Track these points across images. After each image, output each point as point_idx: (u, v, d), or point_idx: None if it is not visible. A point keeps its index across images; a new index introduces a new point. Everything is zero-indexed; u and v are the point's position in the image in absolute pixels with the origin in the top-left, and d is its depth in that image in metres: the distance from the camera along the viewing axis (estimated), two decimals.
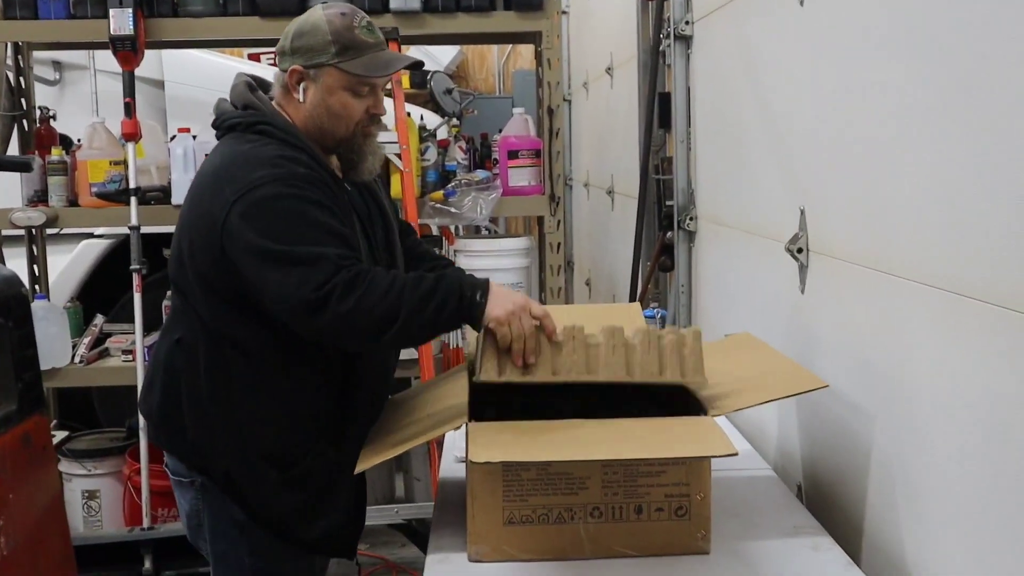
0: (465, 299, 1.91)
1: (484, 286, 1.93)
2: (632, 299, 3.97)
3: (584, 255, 6.06)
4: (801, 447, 2.26)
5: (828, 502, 2.07)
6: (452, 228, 3.69)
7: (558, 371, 1.90)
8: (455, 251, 3.58)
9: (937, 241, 1.59)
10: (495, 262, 3.52)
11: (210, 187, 2.04)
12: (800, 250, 2.16)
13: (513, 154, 3.59)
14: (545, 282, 3.73)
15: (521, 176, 3.59)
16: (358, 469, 1.87)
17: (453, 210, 3.42)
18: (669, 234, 3.35)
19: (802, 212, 2.14)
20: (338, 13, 2.07)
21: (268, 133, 2.07)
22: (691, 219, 3.13)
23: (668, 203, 3.32)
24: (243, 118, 2.10)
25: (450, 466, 2.31)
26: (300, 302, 1.90)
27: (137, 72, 3.55)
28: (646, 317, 3.05)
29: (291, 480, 2.10)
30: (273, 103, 2.14)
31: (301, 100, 2.08)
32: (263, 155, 2.02)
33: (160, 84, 4.88)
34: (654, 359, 1.91)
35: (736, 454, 1.60)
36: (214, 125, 2.17)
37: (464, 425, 1.80)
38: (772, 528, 1.91)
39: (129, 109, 3.42)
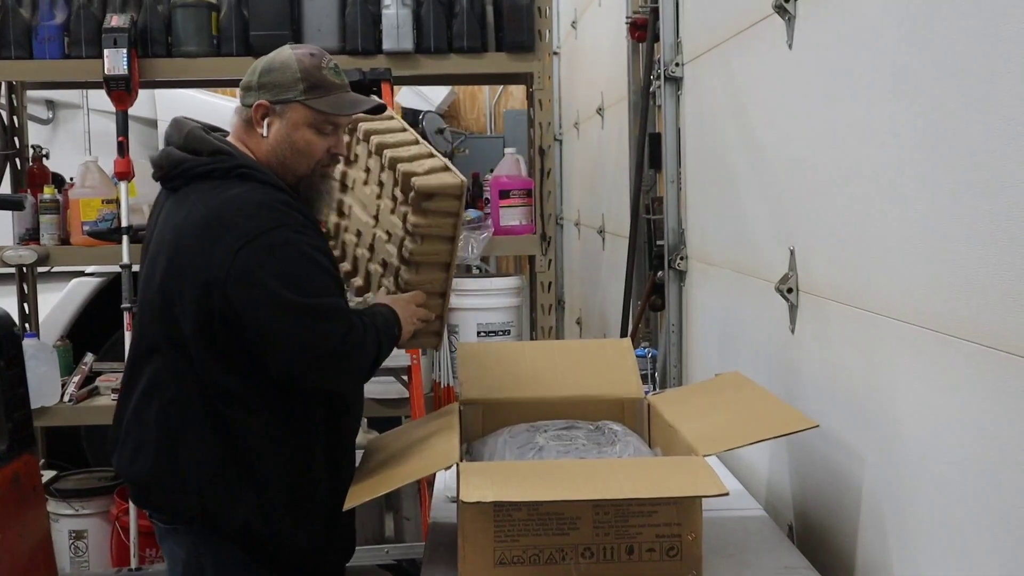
0: (395, 326, 2.15)
1: (392, 318, 2.17)
2: (623, 334, 3.98)
3: (575, 294, 6.08)
4: (792, 486, 2.26)
5: (819, 542, 2.07)
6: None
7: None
8: None
9: (924, 281, 1.61)
10: (486, 301, 3.53)
11: (204, 236, 1.99)
12: (790, 290, 2.17)
13: (504, 194, 3.61)
14: (536, 321, 3.73)
15: (512, 216, 3.61)
16: (347, 506, 1.87)
17: None
18: (660, 273, 3.36)
19: (792, 252, 2.16)
20: (307, 53, 2.12)
21: (251, 177, 2.05)
22: (682, 259, 3.15)
23: (659, 243, 3.34)
24: (218, 163, 2.05)
25: (441, 506, 2.30)
26: (326, 354, 1.99)
27: (130, 111, 3.56)
28: (637, 356, 3.06)
29: (304, 516, 2.09)
30: (231, 139, 2.13)
31: (264, 135, 2.09)
32: (258, 200, 2.01)
33: (153, 123, 4.91)
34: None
35: (727, 493, 1.60)
36: (170, 175, 2.10)
37: (455, 465, 1.80)
38: (763, 568, 1.90)
39: (122, 148, 3.44)
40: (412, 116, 6.24)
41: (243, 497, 2.04)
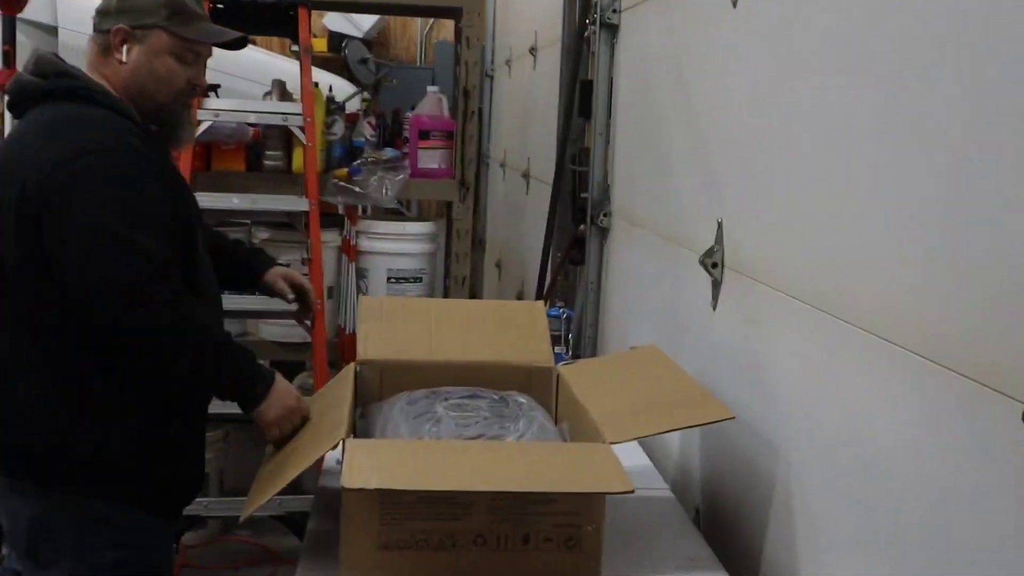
0: (248, 389, 1.93)
1: (269, 381, 1.95)
2: (540, 288, 3.85)
3: (497, 236, 5.93)
4: (702, 469, 2.16)
5: (726, 531, 1.98)
6: (359, 208, 3.51)
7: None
8: (357, 232, 3.41)
9: (854, 274, 1.49)
10: (398, 246, 3.37)
11: (30, 145, 1.86)
12: (715, 265, 2.05)
13: (424, 134, 3.43)
14: (451, 269, 3.58)
15: (431, 158, 3.43)
16: (244, 515, 1.77)
17: (357, 189, 3.24)
18: (582, 227, 3.23)
19: (720, 225, 2.03)
20: None
21: (92, 100, 1.92)
22: (605, 215, 3.02)
23: (583, 195, 3.20)
24: (60, 84, 1.93)
25: (333, 468, 2.16)
26: (121, 288, 1.79)
27: (27, 16, 3.28)
28: (550, 316, 2.93)
29: (155, 448, 1.95)
30: (86, 69, 1.99)
31: (123, 60, 1.97)
32: (96, 120, 1.89)
33: (53, 30, 4.58)
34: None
35: (632, 492, 1.48)
36: (15, 101, 1.97)
37: (342, 442, 1.65)
38: (667, 558, 1.80)
39: (8, 58, 3.16)
40: (337, 41, 5.97)
41: (86, 436, 1.89)
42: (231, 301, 2.67)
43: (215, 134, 3.30)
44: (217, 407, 2.11)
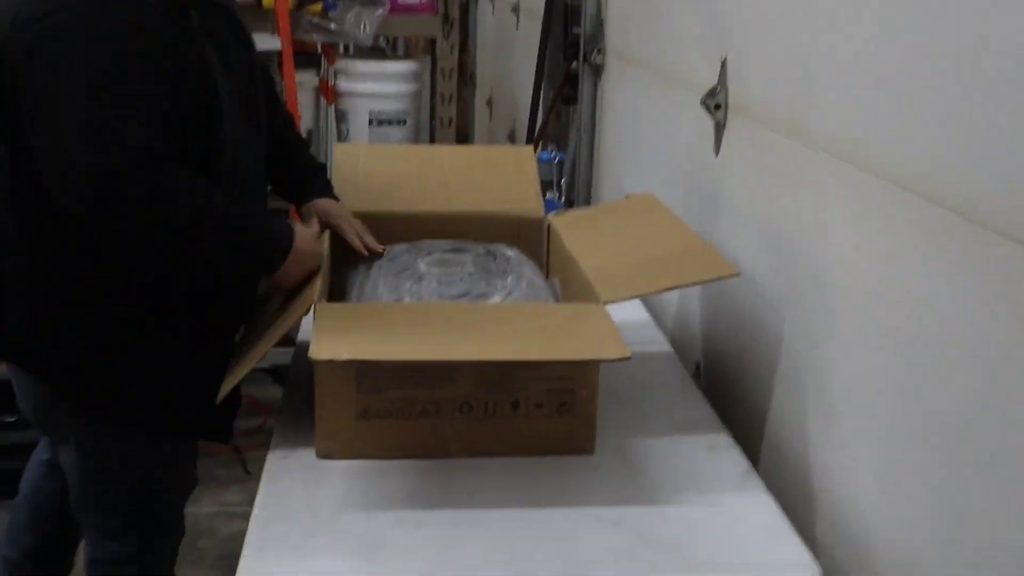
0: (261, 265, 1.66)
1: (287, 247, 1.65)
2: (531, 129, 3.68)
3: (487, 74, 5.69)
4: (702, 324, 2.05)
5: (728, 389, 1.88)
6: (339, 46, 3.30)
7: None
8: (335, 72, 3.21)
9: (868, 117, 1.34)
10: (379, 87, 3.17)
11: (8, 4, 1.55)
12: (718, 106, 1.89)
13: None
14: (436, 110, 3.39)
15: None
16: (220, 396, 1.61)
17: (333, 26, 3.01)
18: (574, 64, 3.04)
19: (723, 63, 1.86)
20: None
21: None
22: (599, 51, 2.82)
23: (575, 30, 2.99)
24: None
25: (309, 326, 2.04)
26: (88, 179, 1.48)
27: None
28: (541, 161, 2.78)
29: (148, 357, 1.72)
30: None
31: None
32: None
33: None
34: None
35: (630, 358, 1.37)
36: None
37: (312, 307, 1.52)
38: (664, 421, 1.70)
39: None
40: None
41: (72, 324, 1.67)
42: None
43: None
44: None
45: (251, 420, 3.48)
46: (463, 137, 4.83)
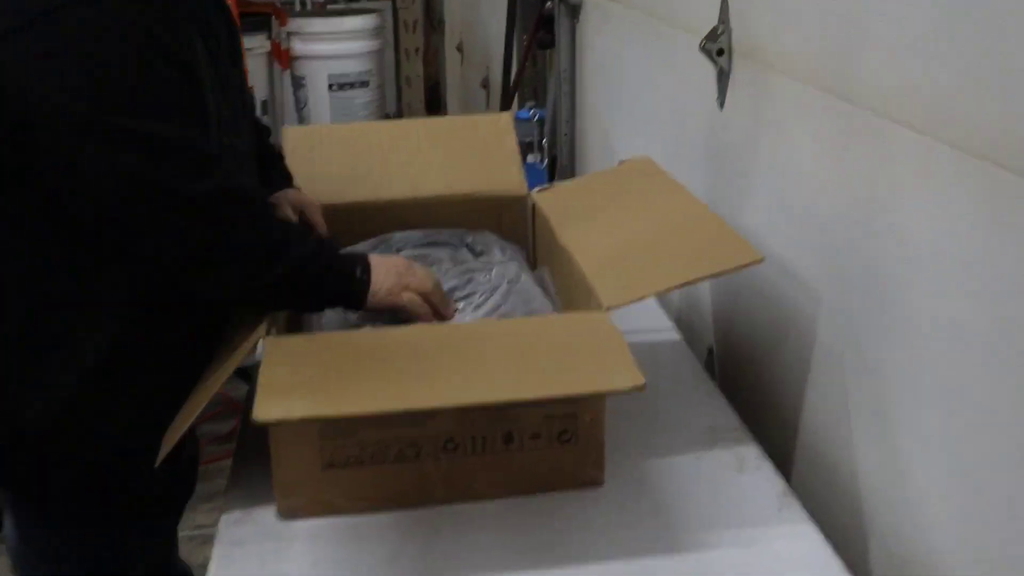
0: (350, 277, 1.38)
1: (364, 260, 1.40)
2: (506, 78, 3.40)
3: (455, 16, 5.37)
4: (713, 302, 1.80)
5: (750, 383, 1.64)
6: (293, 4, 3.01)
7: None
8: (288, 34, 2.92)
9: (905, 62, 1.08)
10: (338, 47, 2.89)
11: None
12: (721, 51, 1.62)
13: None
14: (400, 67, 3.11)
15: None
16: (161, 455, 1.28)
17: None
18: (548, 4, 2.76)
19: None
20: None
21: None
22: None
23: None
24: None
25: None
26: (181, 197, 1.25)
27: None
28: (520, 119, 2.51)
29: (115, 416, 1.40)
30: None
31: None
32: None
33: None
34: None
35: (644, 388, 1.12)
36: None
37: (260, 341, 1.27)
38: (683, 431, 1.45)
39: None
40: None
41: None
42: None
43: None
44: None
45: (226, 423, 3.28)
46: (434, 88, 4.53)
